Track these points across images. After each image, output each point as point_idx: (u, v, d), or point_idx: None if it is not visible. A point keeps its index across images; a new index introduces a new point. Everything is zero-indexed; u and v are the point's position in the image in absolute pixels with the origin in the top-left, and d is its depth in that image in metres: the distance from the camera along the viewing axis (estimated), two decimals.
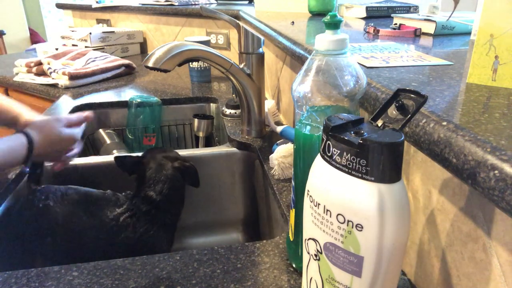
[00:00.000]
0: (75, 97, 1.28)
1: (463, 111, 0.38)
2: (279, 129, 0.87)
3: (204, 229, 1.00)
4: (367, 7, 1.19)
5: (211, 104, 1.31)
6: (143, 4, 1.98)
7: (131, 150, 1.22)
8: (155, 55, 0.73)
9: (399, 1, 1.28)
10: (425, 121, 0.37)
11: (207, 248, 0.58)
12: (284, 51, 0.88)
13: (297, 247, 0.52)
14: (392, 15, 1.02)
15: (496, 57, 0.45)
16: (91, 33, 1.75)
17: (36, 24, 4.39)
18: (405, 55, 0.65)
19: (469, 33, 0.84)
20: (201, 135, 1.22)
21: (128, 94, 1.31)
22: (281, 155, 0.77)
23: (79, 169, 0.91)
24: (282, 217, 0.69)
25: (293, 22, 1.12)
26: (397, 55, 0.65)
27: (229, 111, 1.10)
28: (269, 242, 0.60)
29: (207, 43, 1.40)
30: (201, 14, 1.38)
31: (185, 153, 0.94)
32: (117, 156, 0.84)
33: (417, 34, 0.86)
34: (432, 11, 0.97)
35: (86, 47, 1.76)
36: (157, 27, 1.97)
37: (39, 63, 1.47)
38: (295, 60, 0.81)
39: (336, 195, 0.33)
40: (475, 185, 0.30)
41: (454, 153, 0.33)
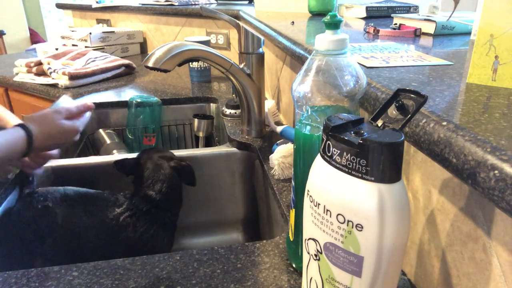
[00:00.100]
0: (75, 97, 1.28)
1: (463, 111, 0.38)
2: (279, 129, 0.87)
3: (204, 229, 1.00)
4: (367, 7, 1.19)
5: (211, 104, 1.31)
6: (143, 4, 1.98)
7: (131, 150, 1.22)
8: (155, 55, 0.73)
9: (399, 1, 1.28)
10: (425, 121, 0.37)
11: (207, 248, 0.58)
12: (284, 51, 0.88)
13: (297, 247, 0.52)
14: (392, 15, 1.02)
15: (496, 57, 0.45)
16: (91, 33, 1.75)
17: (36, 24, 4.39)
18: (405, 55, 0.65)
19: (469, 33, 0.84)
20: (201, 135, 1.22)
21: (128, 94, 1.31)
22: (281, 155, 0.77)
23: (79, 169, 0.91)
24: (282, 217, 0.69)
25: (293, 22, 1.12)
26: (397, 55, 0.65)
27: (229, 111, 1.10)
28: (269, 242, 0.60)
29: (207, 43, 1.40)
30: (201, 14, 1.38)
31: (185, 153, 0.94)
32: (115, 160, 0.84)
33: (417, 34, 0.86)
34: (432, 11, 0.97)
35: (86, 47, 1.75)
36: (157, 27, 1.97)
37: (39, 63, 1.47)
38: (295, 60, 0.81)
39: (336, 195, 0.33)
40: (475, 185, 0.30)
41: (454, 153, 0.33)
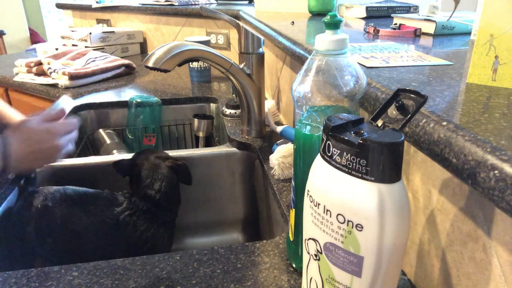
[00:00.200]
0: (75, 97, 1.28)
1: (463, 111, 0.38)
2: (279, 129, 0.87)
3: (204, 229, 1.00)
4: (367, 7, 1.19)
5: (211, 104, 1.31)
6: (143, 4, 1.98)
7: (131, 150, 1.22)
8: (155, 55, 0.73)
9: (399, 1, 1.28)
10: (425, 121, 0.37)
11: (207, 248, 0.58)
12: (284, 51, 0.88)
13: (297, 247, 0.52)
14: (392, 15, 1.02)
15: (496, 57, 0.45)
16: (91, 33, 1.75)
17: (36, 24, 4.39)
18: (405, 55, 0.65)
19: (469, 33, 0.84)
20: (201, 135, 1.22)
21: (128, 94, 1.31)
22: (281, 155, 0.77)
23: (79, 169, 0.91)
24: (282, 217, 0.69)
25: (293, 22, 1.12)
26: (397, 55, 0.65)
27: (229, 111, 1.10)
28: (269, 242, 0.60)
29: (207, 43, 1.40)
30: (201, 14, 1.38)
31: (185, 153, 0.94)
32: (114, 162, 0.84)
33: (417, 34, 0.86)
34: (432, 11, 0.97)
35: (86, 47, 1.75)
36: (157, 27, 1.97)
37: (39, 63, 1.47)
38: (295, 60, 0.81)
39: (336, 195, 0.33)
40: (475, 185, 0.30)
41: (454, 153, 0.33)
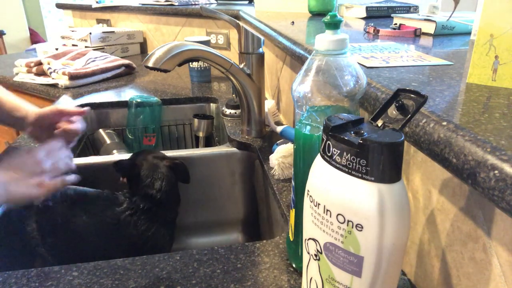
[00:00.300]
0: (75, 97, 1.28)
1: (463, 111, 0.38)
2: (279, 129, 0.87)
3: (204, 229, 1.00)
4: (367, 7, 1.19)
5: (211, 104, 1.31)
6: (143, 4, 1.97)
7: (131, 150, 1.22)
8: (155, 55, 0.73)
9: (399, 1, 1.28)
10: (425, 121, 0.37)
11: (207, 248, 0.58)
12: (284, 51, 0.88)
13: (297, 247, 0.52)
14: (392, 15, 1.02)
15: (496, 57, 0.45)
16: (91, 33, 1.75)
17: (36, 24, 4.39)
18: (405, 55, 0.65)
19: (469, 33, 0.84)
20: (201, 135, 1.22)
21: (128, 94, 1.31)
22: (281, 155, 0.77)
23: (79, 169, 0.90)
24: (282, 217, 0.69)
25: (293, 22, 1.12)
26: (397, 55, 0.65)
27: (229, 111, 1.10)
28: (269, 242, 0.60)
29: (207, 43, 1.40)
30: (201, 14, 1.38)
31: (185, 153, 0.94)
32: (114, 162, 0.84)
33: (417, 34, 0.86)
34: (432, 11, 0.97)
35: (86, 47, 1.75)
36: (157, 27, 1.97)
37: (39, 63, 1.47)
38: (295, 60, 0.81)
39: (336, 195, 0.33)
40: (475, 185, 0.30)
41: (454, 153, 0.33)
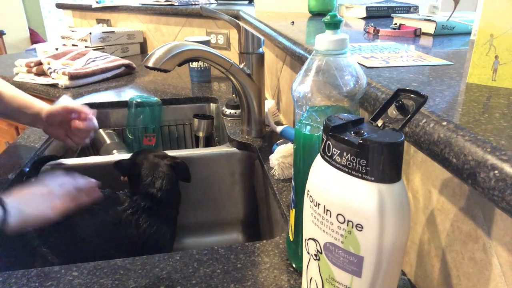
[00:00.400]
0: (75, 97, 1.28)
1: (463, 111, 0.38)
2: (279, 129, 0.87)
3: (204, 229, 1.00)
4: (367, 7, 1.19)
5: (211, 104, 1.31)
6: (143, 4, 1.97)
7: (131, 150, 1.22)
8: (155, 55, 0.73)
9: (399, 1, 1.28)
10: (425, 121, 0.37)
11: (207, 248, 0.58)
12: (284, 51, 0.88)
13: (297, 247, 0.52)
14: (392, 15, 1.02)
15: (496, 57, 0.45)
16: (91, 33, 1.75)
17: (36, 24, 4.39)
18: (405, 55, 0.65)
19: (469, 33, 0.84)
20: (201, 135, 1.22)
21: (128, 94, 1.31)
22: (281, 155, 0.77)
23: (79, 169, 0.91)
24: (282, 217, 0.69)
25: (293, 22, 1.12)
26: (397, 55, 0.65)
27: (229, 111, 1.10)
28: (269, 242, 0.60)
29: (207, 43, 1.40)
30: (201, 14, 1.38)
31: (185, 153, 0.94)
32: (115, 162, 0.84)
33: (417, 34, 0.86)
34: (432, 11, 0.97)
35: (86, 47, 1.75)
36: (157, 27, 1.97)
37: (39, 63, 1.47)
38: (295, 60, 0.81)
39: (336, 195, 0.33)
40: (475, 185, 0.30)
41: (454, 153, 0.33)
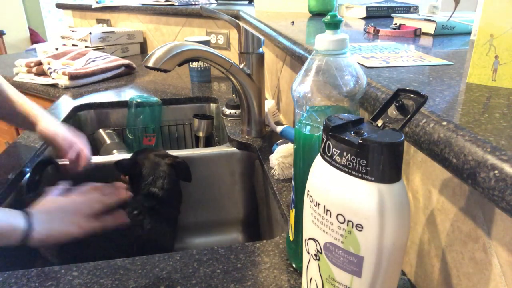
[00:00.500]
0: (75, 97, 1.28)
1: (463, 111, 0.38)
2: (279, 129, 0.87)
3: (204, 229, 1.00)
4: (367, 7, 1.19)
5: (211, 104, 1.31)
6: (143, 4, 1.98)
7: (131, 150, 1.22)
8: (155, 55, 0.73)
9: (399, 1, 1.28)
10: (425, 121, 0.37)
11: (207, 248, 0.58)
12: (284, 51, 0.88)
13: (297, 247, 0.52)
14: (392, 15, 1.02)
15: (496, 57, 0.45)
16: (91, 33, 1.75)
17: (36, 24, 4.39)
18: (405, 55, 0.65)
19: (469, 33, 0.84)
20: (201, 135, 1.22)
21: (128, 94, 1.31)
22: (281, 155, 0.77)
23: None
24: (282, 217, 0.69)
25: (293, 22, 1.12)
26: (397, 55, 0.65)
27: (229, 111, 1.10)
28: (269, 242, 0.60)
29: (207, 43, 1.40)
30: (201, 14, 1.38)
31: (185, 153, 0.94)
32: (116, 162, 0.84)
33: (417, 34, 0.86)
34: (432, 11, 0.97)
35: (86, 47, 1.75)
36: (157, 27, 1.97)
37: (39, 63, 1.47)
38: (295, 60, 0.81)
39: (336, 195, 0.33)
40: (475, 185, 0.30)
41: (454, 153, 0.33)
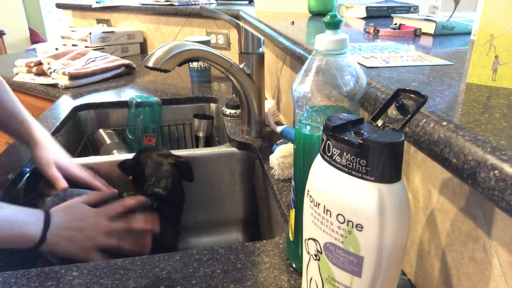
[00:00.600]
0: (75, 97, 1.28)
1: (463, 111, 0.38)
2: (279, 129, 0.87)
3: (204, 229, 1.00)
4: (367, 7, 1.19)
5: (211, 104, 1.31)
6: (143, 4, 1.97)
7: (131, 150, 1.22)
8: (155, 55, 0.73)
9: (399, 1, 1.28)
10: (425, 121, 0.37)
11: (207, 248, 0.58)
12: (284, 51, 0.88)
13: (297, 247, 0.52)
14: (392, 15, 1.02)
15: (496, 57, 0.45)
16: (91, 33, 1.75)
17: (36, 24, 4.39)
18: (405, 55, 0.65)
19: (469, 33, 0.84)
20: (201, 135, 1.22)
21: (128, 94, 1.31)
22: (281, 155, 0.77)
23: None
24: (282, 217, 0.69)
25: (293, 22, 1.12)
26: (397, 55, 0.65)
27: (229, 111, 1.10)
28: (269, 242, 0.60)
29: (207, 43, 1.40)
30: (201, 14, 1.38)
31: (185, 153, 0.94)
32: (119, 162, 0.83)
33: (417, 34, 0.86)
34: (432, 11, 0.97)
35: (86, 47, 1.75)
36: (157, 27, 1.97)
37: (39, 63, 1.47)
38: (295, 60, 0.81)
39: (336, 195, 0.33)
40: (475, 185, 0.30)
41: (454, 153, 0.33)
